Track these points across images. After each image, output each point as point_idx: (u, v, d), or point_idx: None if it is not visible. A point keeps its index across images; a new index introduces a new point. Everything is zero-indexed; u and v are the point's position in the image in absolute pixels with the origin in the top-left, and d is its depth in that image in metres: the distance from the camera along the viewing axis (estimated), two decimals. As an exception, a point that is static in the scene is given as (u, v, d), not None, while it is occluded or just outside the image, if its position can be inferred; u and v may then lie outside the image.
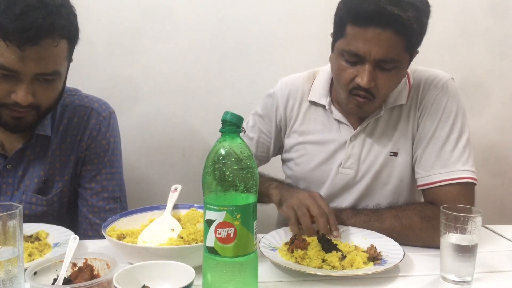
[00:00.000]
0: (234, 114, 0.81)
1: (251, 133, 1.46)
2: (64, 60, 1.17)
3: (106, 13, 1.85)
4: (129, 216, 1.17)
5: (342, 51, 1.16)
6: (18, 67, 1.08)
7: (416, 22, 1.09)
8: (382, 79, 1.15)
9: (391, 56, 1.12)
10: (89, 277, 0.85)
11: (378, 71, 1.14)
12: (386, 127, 1.29)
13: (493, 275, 1.02)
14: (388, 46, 1.10)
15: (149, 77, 1.93)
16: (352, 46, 1.13)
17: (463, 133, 1.22)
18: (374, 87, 1.16)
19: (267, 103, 1.43)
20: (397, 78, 1.19)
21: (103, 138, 1.35)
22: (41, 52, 1.09)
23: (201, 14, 1.91)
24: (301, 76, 1.41)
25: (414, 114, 1.27)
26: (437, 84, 1.25)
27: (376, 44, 1.10)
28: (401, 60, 1.15)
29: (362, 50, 1.12)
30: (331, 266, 1.00)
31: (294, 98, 1.38)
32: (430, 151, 1.22)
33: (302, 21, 1.93)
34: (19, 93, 1.11)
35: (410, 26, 1.09)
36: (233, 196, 0.79)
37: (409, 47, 1.14)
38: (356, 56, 1.14)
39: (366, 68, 1.13)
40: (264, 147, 1.46)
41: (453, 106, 1.23)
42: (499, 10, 2.01)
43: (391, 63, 1.13)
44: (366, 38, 1.10)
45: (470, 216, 0.92)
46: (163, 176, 1.98)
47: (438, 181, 1.19)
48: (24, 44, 1.06)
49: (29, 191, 1.27)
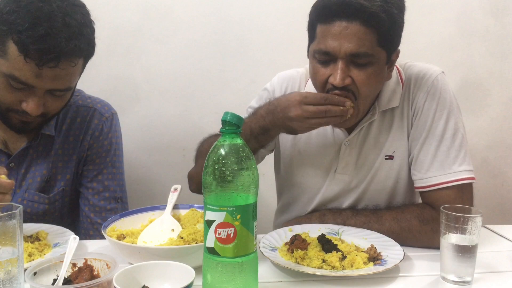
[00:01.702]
0: (234, 114, 0.81)
1: None
2: (77, 76, 1.20)
3: (106, 13, 1.85)
4: (129, 216, 1.17)
5: (314, 53, 1.14)
6: (33, 82, 1.10)
7: (384, 12, 1.06)
8: (359, 76, 1.11)
9: (363, 49, 1.08)
10: (89, 277, 0.85)
11: (352, 68, 1.11)
12: (380, 130, 1.27)
13: (493, 275, 1.02)
14: (357, 39, 1.07)
15: (149, 77, 1.93)
16: (322, 44, 1.11)
17: (457, 130, 1.20)
18: (352, 85, 1.12)
19: (263, 96, 1.39)
20: (376, 76, 1.14)
21: (105, 139, 1.36)
22: (58, 72, 1.10)
23: (201, 14, 1.91)
24: (299, 72, 1.38)
25: (408, 113, 1.25)
26: (427, 80, 1.22)
27: (344, 38, 1.08)
28: (374, 54, 1.10)
29: (331, 47, 1.09)
30: (331, 267, 1.00)
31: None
32: (425, 152, 1.20)
33: (302, 21, 1.92)
34: (30, 104, 1.13)
35: (377, 16, 1.06)
36: (233, 196, 0.79)
37: (382, 40, 1.10)
38: (327, 55, 1.11)
39: (339, 65, 1.10)
40: None
41: (445, 103, 1.21)
42: (499, 10, 2.01)
43: (364, 58, 1.10)
44: (334, 33, 1.08)
45: (470, 217, 0.92)
46: (163, 176, 1.98)
47: (436, 184, 1.18)
48: (43, 65, 1.07)
49: (31, 189, 1.28)
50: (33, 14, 1.05)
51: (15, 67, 1.08)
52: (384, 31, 1.09)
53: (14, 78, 1.09)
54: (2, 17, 1.07)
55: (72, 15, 1.09)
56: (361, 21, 1.07)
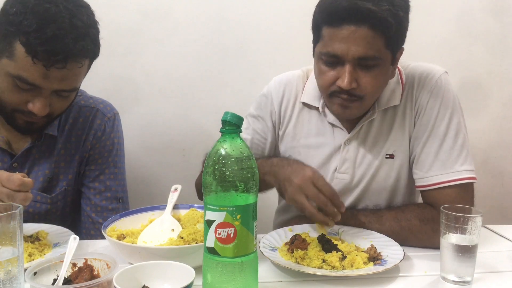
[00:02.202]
0: (234, 114, 0.81)
1: (245, 134, 1.39)
2: (83, 76, 1.20)
3: (106, 13, 1.84)
4: (129, 216, 1.18)
5: (320, 54, 1.15)
6: (40, 83, 1.10)
7: (391, 16, 1.07)
8: (365, 78, 1.12)
9: (371, 53, 1.09)
10: (89, 277, 0.86)
11: (359, 71, 1.12)
12: (380, 129, 1.27)
13: (493, 275, 1.02)
14: (366, 43, 1.08)
15: (149, 77, 1.93)
16: (329, 47, 1.11)
17: (460, 130, 1.20)
18: (357, 88, 1.13)
19: (261, 103, 1.39)
20: (382, 77, 1.16)
21: (107, 139, 1.36)
22: (66, 72, 1.11)
23: (201, 14, 1.90)
24: (295, 75, 1.38)
25: (410, 113, 1.25)
26: (431, 80, 1.23)
27: (353, 42, 1.08)
28: (382, 57, 1.12)
29: (339, 50, 1.10)
30: (331, 266, 1.00)
31: (288, 97, 1.35)
32: (428, 151, 1.21)
33: (302, 21, 1.91)
34: (36, 104, 1.13)
35: (385, 20, 1.06)
36: (233, 196, 0.79)
37: (389, 43, 1.11)
38: (334, 57, 1.12)
39: (346, 69, 1.11)
40: (259, 149, 1.40)
41: (448, 102, 1.21)
42: (499, 10, 2.01)
43: (372, 61, 1.11)
44: (342, 37, 1.09)
45: (470, 216, 0.92)
46: (163, 176, 1.98)
47: (437, 183, 1.18)
48: (51, 66, 1.08)
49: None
50: (41, 16, 1.05)
51: (22, 68, 1.08)
52: (391, 34, 1.10)
53: (21, 79, 1.09)
54: (8, 18, 1.07)
55: (79, 16, 1.10)
56: (369, 25, 1.07)
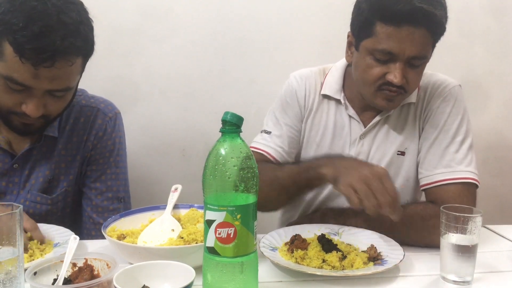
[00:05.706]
0: (234, 114, 0.81)
1: (276, 131, 1.36)
2: (77, 76, 1.18)
3: (106, 13, 1.85)
4: (129, 216, 1.17)
5: (372, 50, 1.16)
6: (31, 83, 1.09)
7: (445, 19, 1.14)
8: (411, 74, 1.17)
9: (423, 53, 1.15)
10: (89, 277, 0.86)
11: (408, 68, 1.16)
12: (395, 125, 1.30)
13: (493, 275, 1.02)
14: (421, 43, 1.13)
15: (149, 77, 1.93)
16: (385, 44, 1.14)
17: (467, 137, 1.24)
18: (406, 83, 1.17)
19: (286, 96, 1.38)
20: (422, 73, 1.23)
21: (109, 139, 1.35)
22: (55, 71, 1.08)
23: (201, 14, 1.90)
24: (312, 71, 1.41)
25: (420, 116, 1.29)
26: (444, 89, 1.28)
27: (410, 43, 1.12)
28: (428, 56, 1.18)
29: (396, 49, 1.13)
30: (331, 266, 1.00)
31: (309, 89, 1.37)
32: (433, 152, 1.24)
33: (302, 20, 1.93)
34: (29, 106, 1.11)
35: (441, 24, 1.13)
36: (233, 196, 0.79)
37: (434, 43, 1.18)
38: (389, 54, 1.15)
39: (398, 66, 1.15)
40: (294, 142, 1.37)
41: (459, 111, 1.25)
42: (499, 10, 2.01)
43: (421, 60, 1.17)
44: (401, 36, 1.12)
45: (470, 216, 0.92)
46: (163, 176, 1.98)
47: (440, 180, 1.20)
48: (39, 64, 1.05)
49: (34, 190, 1.28)
50: (28, 13, 1.03)
51: (12, 69, 1.07)
52: (439, 36, 1.17)
53: (11, 80, 1.08)
54: None
55: (68, 13, 1.07)
56: (427, 28, 1.12)
